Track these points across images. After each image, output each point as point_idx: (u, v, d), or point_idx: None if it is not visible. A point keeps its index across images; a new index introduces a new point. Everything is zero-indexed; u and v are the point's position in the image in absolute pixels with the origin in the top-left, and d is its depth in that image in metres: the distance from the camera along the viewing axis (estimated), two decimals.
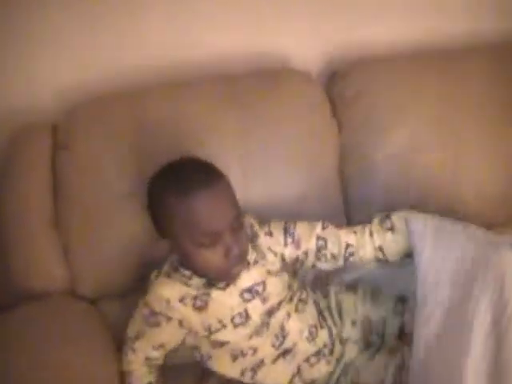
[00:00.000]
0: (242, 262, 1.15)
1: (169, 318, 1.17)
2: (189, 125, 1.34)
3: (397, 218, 1.21)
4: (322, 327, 1.25)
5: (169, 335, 1.20)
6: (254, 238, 1.21)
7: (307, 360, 1.22)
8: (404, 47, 1.61)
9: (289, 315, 1.21)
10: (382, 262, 1.23)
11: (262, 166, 1.36)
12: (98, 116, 1.37)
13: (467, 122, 1.44)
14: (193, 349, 1.24)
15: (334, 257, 1.22)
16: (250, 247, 1.18)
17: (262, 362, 1.21)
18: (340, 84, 1.50)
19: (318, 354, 1.22)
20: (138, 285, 1.29)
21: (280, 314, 1.21)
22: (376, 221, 1.23)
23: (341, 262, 1.23)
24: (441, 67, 1.50)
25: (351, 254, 1.22)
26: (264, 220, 1.24)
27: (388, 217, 1.22)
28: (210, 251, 1.10)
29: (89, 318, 1.30)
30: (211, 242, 1.10)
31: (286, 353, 1.21)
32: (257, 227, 1.22)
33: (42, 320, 1.23)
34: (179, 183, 1.10)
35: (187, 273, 1.17)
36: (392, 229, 1.21)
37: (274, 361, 1.21)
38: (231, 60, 1.54)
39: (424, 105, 1.45)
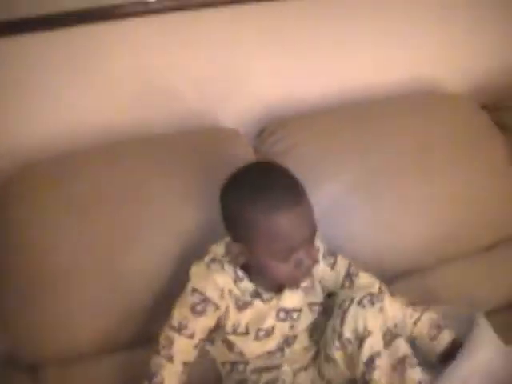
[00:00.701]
0: (311, 272, 1.20)
1: (217, 307, 1.17)
2: (130, 191, 1.38)
3: (448, 335, 1.24)
4: (308, 368, 1.26)
5: (209, 323, 1.18)
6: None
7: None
8: (334, 102, 1.65)
9: (296, 343, 1.24)
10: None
11: None
12: (26, 191, 1.37)
13: (393, 176, 1.50)
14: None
15: None
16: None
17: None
18: (268, 141, 1.54)
19: None
20: (76, 354, 1.32)
21: (294, 345, 1.24)
22: (427, 317, 1.25)
23: None
24: (370, 121, 1.55)
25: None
26: (332, 249, 1.30)
27: (439, 328, 1.24)
28: (282, 262, 1.14)
29: None
30: (287, 256, 1.13)
31: (272, 367, 1.23)
32: (320, 255, 1.26)
33: None
34: (265, 199, 1.11)
35: (240, 274, 1.19)
36: (434, 338, 1.24)
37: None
38: (162, 118, 1.57)
39: (352, 160, 1.50)
